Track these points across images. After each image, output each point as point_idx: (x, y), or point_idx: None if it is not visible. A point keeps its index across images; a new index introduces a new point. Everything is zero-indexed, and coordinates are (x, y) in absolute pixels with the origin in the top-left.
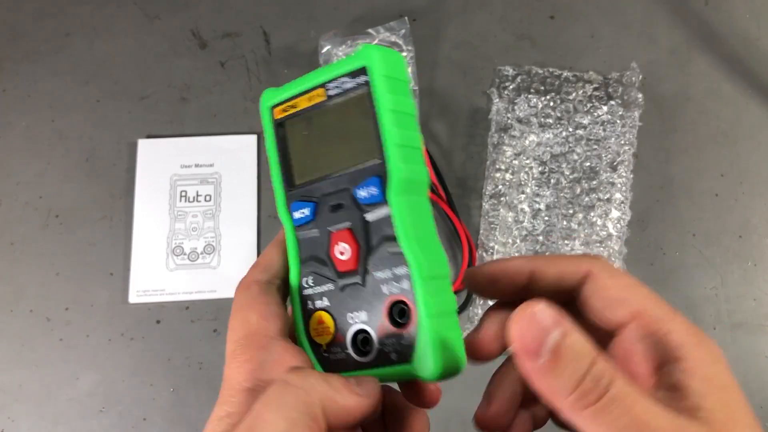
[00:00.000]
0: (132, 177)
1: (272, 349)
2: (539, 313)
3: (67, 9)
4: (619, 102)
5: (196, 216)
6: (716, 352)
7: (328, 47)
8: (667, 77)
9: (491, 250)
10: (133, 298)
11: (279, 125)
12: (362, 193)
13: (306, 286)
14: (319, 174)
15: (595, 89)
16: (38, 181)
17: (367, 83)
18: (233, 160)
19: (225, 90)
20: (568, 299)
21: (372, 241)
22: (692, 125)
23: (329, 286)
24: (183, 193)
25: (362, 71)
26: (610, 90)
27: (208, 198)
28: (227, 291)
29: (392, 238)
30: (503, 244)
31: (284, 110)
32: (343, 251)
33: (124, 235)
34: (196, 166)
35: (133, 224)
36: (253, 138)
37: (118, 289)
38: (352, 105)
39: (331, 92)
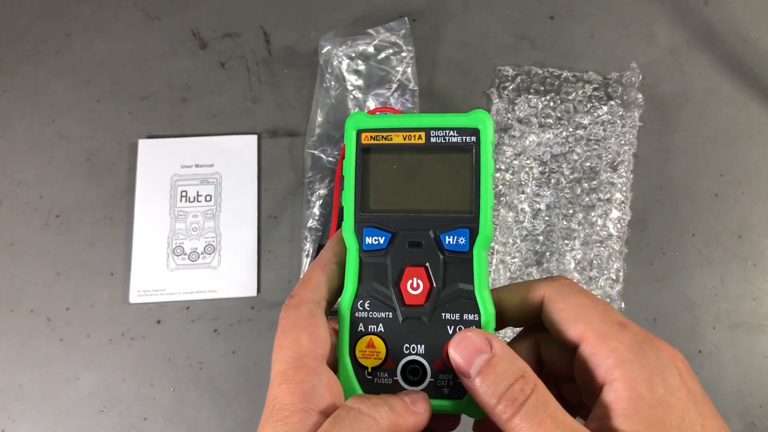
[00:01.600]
0: (132, 177)
1: (322, 374)
2: (470, 338)
3: (67, 9)
4: (619, 102)
5: (196, 216)
6: (657, 365)
7: (328, 47)
8: (666, 77)
9: (491, 251)
10: (134, 298)
11: (365, 150)
12: (450, 240)
13: (360, 308)
14: (400, 207)
15: (595, 89)
16: (39, 181)
17: (475, 144)
18: (233, 160)
19: (225, 90)
20: (537, 321)
21: (446, 284)
22: (692, 125)
23: (388, 314)
24: (183, 193)
25: (473, 132)
26: (609, 90)
27: (208, 198)
28: (227, 291)
29: (468, 286)
30: (503, 244)
31: (374, 138)
32: (416, 286)
33: (125, 235)
34: (197, 166)
35: (133, 224)
36: (254, 138)
37: (118, 289)
38: (456, 158)
39: (434, 139)
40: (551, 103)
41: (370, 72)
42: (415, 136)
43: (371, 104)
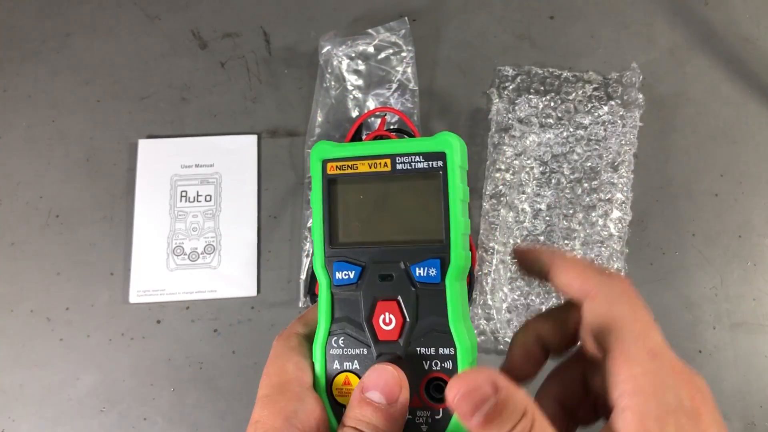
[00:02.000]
0: (132, 177)
1: (305, 399)
2: (474, 389)
3: (67, 9)
4: (619, 102)
5: (196, 216)
6: (674, 404)
7: (328, 47)
8: (666, 77)
9: (491, 251)
10: (134, 298)
11: (331, 181)
12: (420, 272)
13: (334, 345)
14: (369, 239)
15: (595, 89)
16: (38, 181)
17: (442, 169)
18: (233, 160)
19: (225, 90)
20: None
21: (419, 318)
22: (692, 125)
23: (362, 351)
24: (183, 193)
25: (439, 156)
26: (609, 90)
27: (208, 198)
28: (227, 291)
29: (441, 319)
30: (503, 244)
31: (340, 168)
32: (388, 321)
33: (125, 235)
34: (197, 166)
35: (133, 224)
36: (253, 138)
37: (118, 289)
38: (422, 185)
39: (400, 166)
40: (552, 103)
41: (370, 72)
42: (381, 163)
43: (371, 104)
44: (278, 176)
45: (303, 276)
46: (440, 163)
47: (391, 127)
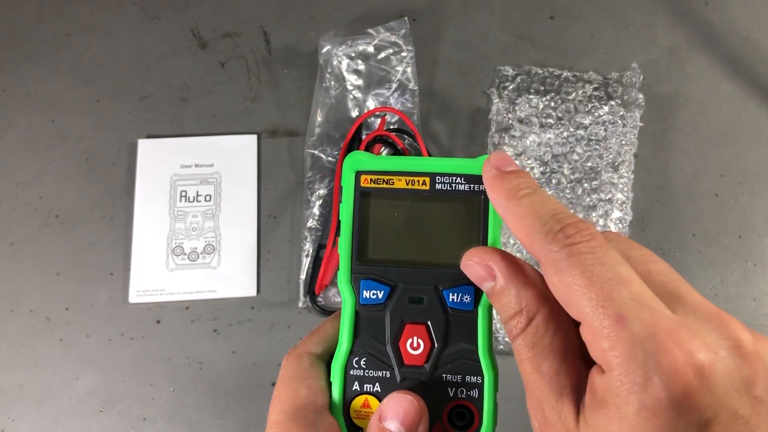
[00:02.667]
0: (132, 177)
1: (319, 424)
2: (472, 266)
3: (67, 9)
4: (619, 102)
5: (196, 216)
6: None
7: (328, 47)
8: (667, 77)
9: None
10: (133, 298)
11: (364, 194)
12: (453, 297)
13: (355, 366)
14: (400, 258)
15: (595, 89)
16: (38, 181)
17: (483, 193)
18: (233, 160)
19: (225, 90)
20: None
21: (448, 344)
22: (692, 125)
23: (385, 374)
24: (183, 193)
25: (481, 180)
26: (609, 90)
27: (208, 198)
28: (227, 291)
29: (471, 347)
30: (504, 245)
31: (374, 181)
32: (416, 346)
33: (124, 235)
34: (196, 166)
35: (133, 224)
36: (253, 138)
37: (118, 289)
38: (462, 208)
39: (439, 186)
40: (552, 103)
41: (370, 72)
42: (419, 181)
43: (371, 104)
44: (278, 176)
45: (303, 276)
46: (481, 188)
47: (391, 127)
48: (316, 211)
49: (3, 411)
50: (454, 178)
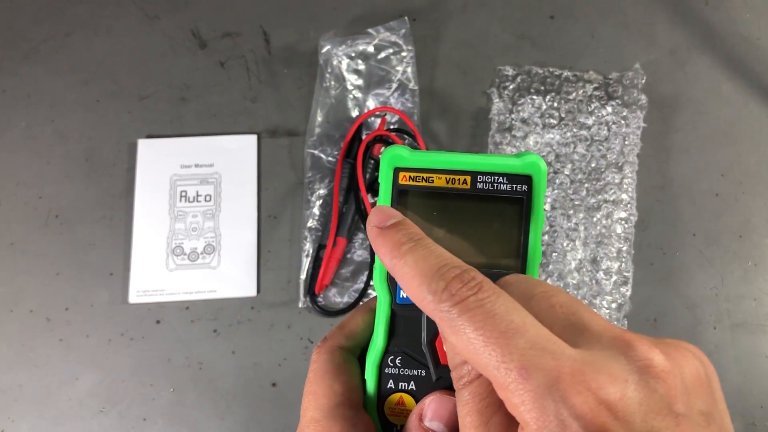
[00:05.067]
0: (132, 177)
1: (357, 422)
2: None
3: (67, 9)
4: (620, 102)
5: (196, 216)
6: (558, 426)
7: (328, 47)
8: (667, 77)
9: None
10: (133, 298)
11: (402, 192)
12: None
13: (390, 364)
14: None
15: (596, 89)
16: (38, 181)
17: (526, 194)
18: (233, 160)
19: (225, 90)
20: None
21: None
22: (692, 125)
23: (420, 372)
24: (183, 193)
25: (525, 180)
26: (610, 90)
27: (208, 198)
28: (227, 291)
29: None
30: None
31: (413, 179)
32: None
33: (124, 235)
34: (196, 166)
35: (133, 224)
36: (253, 138)
37: (118, 289)
38: (504, 209)
39: (481, 185)
40: (555, 104)
41: (370, 72)
42: (459, 180)
43: (371, 104)
44: (278, 176)
45: (303, 276)
46: (525, 188)
47: (391, 127)
48: (316, 211)
49: (3, 411)
50: (496, 177)
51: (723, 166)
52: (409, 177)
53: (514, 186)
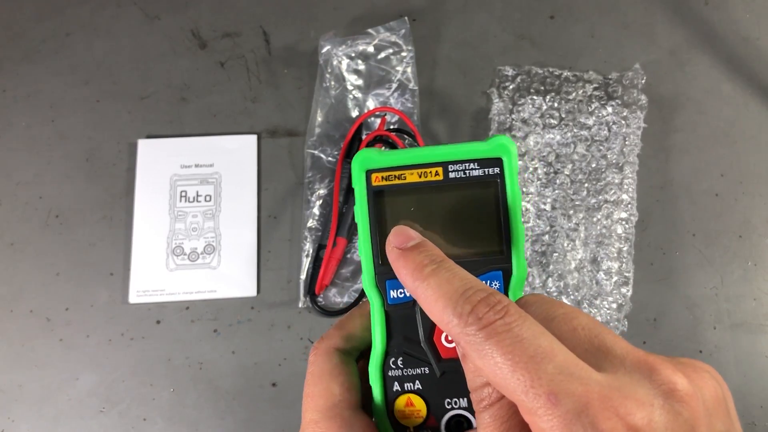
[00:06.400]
0: (132, 177)
1: (355, 423)
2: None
3: (67, 9)
4: (620, 102)
5: (196, 216)
6: None
7: (328, 47)
8: (667, 77)
9: None
10: (133, 298)
11: (377, 193)
12: None
13: (393, 367)
14: None
15: (595, 89)
16: (38, 181)
17: (499, 176)
18: (233, 160)
19: (225, 90)
20: None
21: None
22: (692, 125)
23: (424, 370)
24: (183, 193)
25: (496, 162)
26: (610, 90)
27: (208, 198)
28: (227, 291)
29: None
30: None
31: (386, 178)
32: (451, 339)
33: (124, 235)
34: (196, 166)
35: (133, 224)
36: (253, 138)
37: (118, 289)
38: (479, 194)
39: (453, 174)
40: (555, 104)
41: (370, 72)
42: (431, 172)
43: (371, 104)
44: (278, 176)
45: (303, 276)
46: (497, 170)
47: (391, 127)
48: (316, 211)
49: (3, 411)
50: (467, 164)
51: (723, 166)
52: (382, 177)
53: (486, 170)
